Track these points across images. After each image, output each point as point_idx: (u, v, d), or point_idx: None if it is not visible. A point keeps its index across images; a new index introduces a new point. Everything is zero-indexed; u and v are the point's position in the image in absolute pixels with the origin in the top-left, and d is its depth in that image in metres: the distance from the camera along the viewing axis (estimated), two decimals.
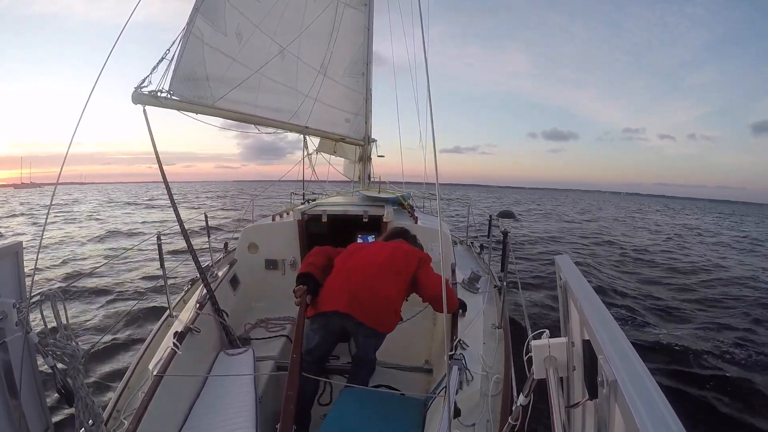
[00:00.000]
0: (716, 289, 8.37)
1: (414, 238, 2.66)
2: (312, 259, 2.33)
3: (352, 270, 2.19)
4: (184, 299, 3.15)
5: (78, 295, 6.29)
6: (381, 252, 2.30)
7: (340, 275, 2.19)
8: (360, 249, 2.40)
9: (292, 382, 1.61)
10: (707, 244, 16.80)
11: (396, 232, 2.66)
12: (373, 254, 2.29)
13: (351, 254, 2.33)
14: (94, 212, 22.65)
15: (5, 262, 1.38)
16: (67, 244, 11.49)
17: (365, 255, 2.29)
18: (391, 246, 2.37)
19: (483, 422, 1.76)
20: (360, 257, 2.28)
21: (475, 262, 4.65)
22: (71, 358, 1.28)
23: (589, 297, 0.90)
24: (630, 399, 0.55)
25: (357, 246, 2.47)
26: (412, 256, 2.31)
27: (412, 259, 2.28)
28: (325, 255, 2.38)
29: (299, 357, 1.80)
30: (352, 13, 4.24)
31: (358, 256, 2.29)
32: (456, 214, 17.29)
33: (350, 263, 2.25)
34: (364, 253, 2.32)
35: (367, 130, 4.73)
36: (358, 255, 2.31)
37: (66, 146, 1.75)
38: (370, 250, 2.35)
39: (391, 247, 2.36)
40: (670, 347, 5.11)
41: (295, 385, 1.62)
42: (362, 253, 2.33)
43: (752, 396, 4.18)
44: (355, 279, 2.13)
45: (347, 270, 2.20)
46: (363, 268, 2.18)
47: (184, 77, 2.68)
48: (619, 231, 19.38)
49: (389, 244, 2.42)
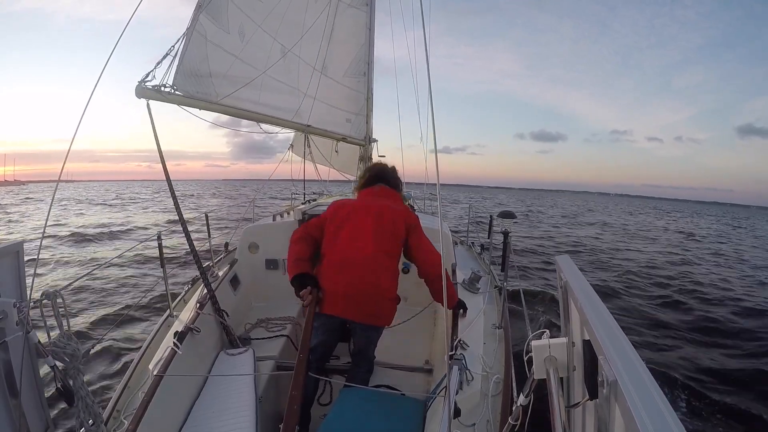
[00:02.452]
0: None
1: (395, 177, 2.46)
2: (298, 249, 2.14)
3: (342, 266, 2.05)
4: (185, 299, 3.15)
5: (78, 294, 6.30)
6: (368, 230, 2.11)
7: (331, 272, 2.06)
8: (345, 225, 2.15)
9: (298, 383, 1.60)
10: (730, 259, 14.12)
11: (376, 174, 2.43)
12: (361, 233, 2.11)
13: (337, 236, 2.14)
14: (44, 212, 21.56)
15: (6, 262, 1.38)
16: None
17: (353, 238, 2.11)
18: (375, 212, 2.16)
19: (483, 422, 1.76)
20: (348, 244, 2.10)
21: (476, 262, 4.65)
22: (71, 357, 1.28)
23: (590, 297, 0.90)
24: (630, 399, 0.55)
25: (341, 219, 2.18)
26: (399, 221, 2.17)
27: (399, 227, 2.15)
28: (311, 241, 2.19)
29: (306, 357, 1.77)
30: (353, 13, 4.24)
31: (345, 242, 2.11)
32: (453, 216, 17.32)
33: (339, 254, 2.08)
34: (351, 236, 2.12)
35: (368, 130, 4.73)
36: (346, 239, 2.12)
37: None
38: (357, 228, 2.14)
39: (376, 213, 2.16)
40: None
41: (300, 386, 1.61)
42: (350, 236, 2.12)
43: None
44: (349, 279, 2.01)
45: (338, 266, 2.06)
46: (353, 265, 2.03)
47: (188, 73, 2.69)
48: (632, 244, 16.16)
49: (374, 206, 2.20)
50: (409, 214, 2.28)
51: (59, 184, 2.09)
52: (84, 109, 1.83)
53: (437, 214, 1.58)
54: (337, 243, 2.12)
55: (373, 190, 2.36)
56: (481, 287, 3.09)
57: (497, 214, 3.49)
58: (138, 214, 21.54)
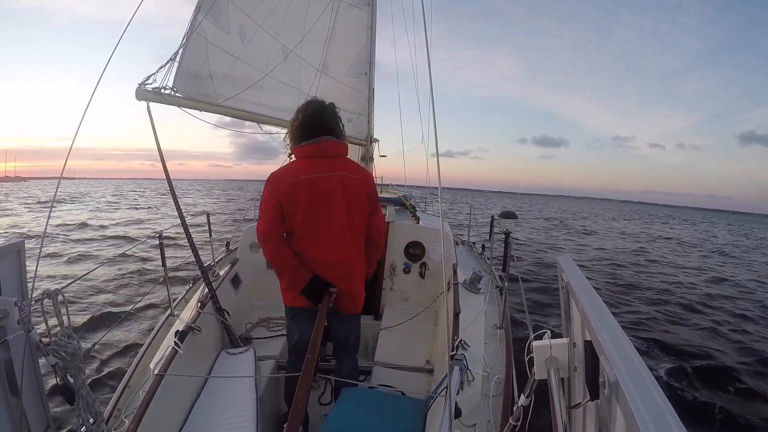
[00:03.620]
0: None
1: (338, 120, 2.05)
2: (287, 253, 1.93)
3: (317, 266, 1.94)
4: (186, 298, 3.16)
5: (79, 293, 6.31)
6: (341, 223, 1.94)
7: (310, 267, 1.94)
8: (313, 217, 1.91)
9: (305, 383, 1.59)
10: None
11: (316, 120, 1.95)
12: (336, 230, 1.93)
13: (306, 231, 1.92)
14: (10, 210, 21.32)
15: (7, 261, 1.38)
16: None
17: (327, 238, 1.93)
18: (342, 195, 1.92)
19: (484, 422, 1.76)
20: (323, 244, 1.93)
21: (477, 262, 4.65)
22: (72, 356, 1.28)
23: (591, 298, 0.90)
24: (631, 400, 0.54)
25: (304, 205, 1.88)
26: (363, 196, 2.00)
27: (364, 203, 2.01)
28: (283, 238, 1.96)
29: (315, 358, 1.73)
30: (355, 12, 4.24)
31: (319, 242, 1.93)
32: (454, 219, 17.35)
33: (313, 257, 1.93)
34: (325, 236, 1.93)
35: (369, 130, 4.73)
36: (319, 240, 1.93)
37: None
38: (327, 222, 1.93)
39: (343, 196, 1.92)
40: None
41: (307, 386, 1.59)
42: (323, 236, 1.93)
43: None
44: (330, 276, 1.94)
45: (315, 266, 1.94)
46: (330, 266, 1.94)
47: (188, 75, 2.69)
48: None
49: (335, 183, 1.91)
50: (368, 181, 2.06)
51: (62, 182, 2.10)
52: (85, 109, 1.83)
53: (440, 215, 1.57)
54: (312, 242, 1.94)
55: (320, 149, 1.92)
56: (482, 287, 3.09)
57: (498, 214, 3.49)
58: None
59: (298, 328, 2.07)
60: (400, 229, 3.30)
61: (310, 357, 1.70)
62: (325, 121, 1.97)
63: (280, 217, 1.90)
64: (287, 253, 1.92)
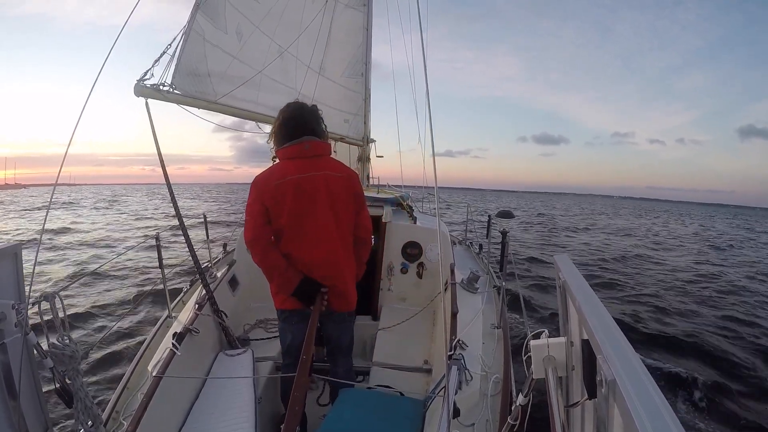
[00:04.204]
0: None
1: (320, 121, 2.04)
2: (276, 256, 1.91)
3: (307, 268, 1.93)
4: (183, 300, 3.15)
5: (77, 295, 6.28)
6: (328, 223, 1.93)
7: (299, 268, 1.94)
8: (300, 218, 1.90)
9: (300, 384, 1.60)
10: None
11: (297, 122, 1.95)
12: (323, 230, 1.92)
13: (294, 232, 1.91)
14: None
15: (5, 263, 1.37)
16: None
17: (316, 240, 1.92)
18: (326, 196, 1.91)
19: (482, 422, 1.76)
20: (312, 245, 1.92)
21: (474, 262, 4.66)
22: (70, 359, 1.28)
23: (588, 297, 0.91)
24: (629, 398, 0.55)
25: (289, 206, 1.87)
26: (349, 196, 1.99)
27: (350, 204, 2.00)
28: (271, 242, 1.94)
29: (309, 358, 1.74)
30: (351, 13, 4.24)
31: (308, 245, 1.92)
32: (452, 221, 17.36)
33: (302, 260, 1.92)
34: (313, 237, 1.92)
35: (366, 131, 4.73)
36: (308, 243, 1.92)
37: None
38: (314, 223, 1.91)
39: (328, 197, 1.91)
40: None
41: (303, 387, 1.60)
42: (311, 237, 1.92)
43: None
44: (319, 276, 1.94)
45: (304, 268, 1.94)
46: (319, 266, 1.94)
47: (186, 72, 2.68)
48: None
49: (319, 182, 1.90)
50: (353, 179, 2.05)
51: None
52: (80, 113, 1.82)
53: (437, 216, 1.58)
54: (299, 243, 1.92)
55: (303, 150, 1.92)
56: (479, 287, 3.09)
57: (495, 214, 3.50)
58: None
59: (290, 330, 2.07)
60: (397, 230, 3.30)
61: (304, 357, 1.71)
62: (306, 122, 1.96)
63: (266, 221, 1.89)
64: (275, 255, 1.90)
